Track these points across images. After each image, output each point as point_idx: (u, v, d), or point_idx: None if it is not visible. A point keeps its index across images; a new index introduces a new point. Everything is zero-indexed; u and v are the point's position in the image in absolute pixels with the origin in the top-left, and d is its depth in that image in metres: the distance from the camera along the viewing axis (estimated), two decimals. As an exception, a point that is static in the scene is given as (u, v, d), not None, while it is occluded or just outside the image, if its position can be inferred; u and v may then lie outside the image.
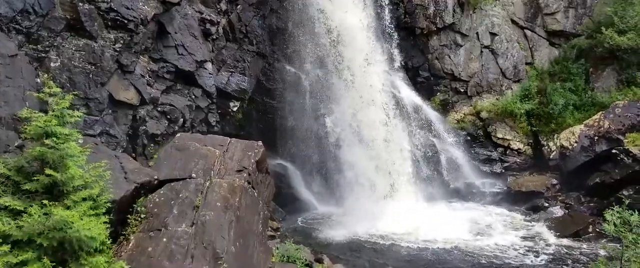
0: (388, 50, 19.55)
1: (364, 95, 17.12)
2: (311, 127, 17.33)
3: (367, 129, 17.01)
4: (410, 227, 14.89)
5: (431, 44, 20.53)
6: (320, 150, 17.42)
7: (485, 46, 20.63)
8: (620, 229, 6.49)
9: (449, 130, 19.46)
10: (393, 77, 19.36)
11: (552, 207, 16.02)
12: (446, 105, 20.62)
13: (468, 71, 20.55)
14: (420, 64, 20.83)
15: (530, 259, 12.87)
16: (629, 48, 18.46)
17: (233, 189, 7.12)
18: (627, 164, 15.27)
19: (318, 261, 10.95)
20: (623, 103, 17.07)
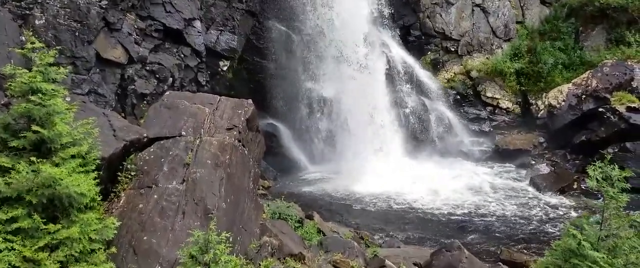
0: (379, 9, 19.28)
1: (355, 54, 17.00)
2: (302, 86, 17.29)
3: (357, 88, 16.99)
4: (399, 184, 15.17)
5: (423, 2, 20.27)
6: (310, 109, 17.46)
7: (476, 4, 20.42)
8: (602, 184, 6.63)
9: (438, 89, 19.50)
10: (384, 35, 19.20)
11: (538, 165, 16.36)
12: (437, 65, 20.59)
13: (459, 30, 20.40)
14: (412, 23, 20.64)
15: (516, 215, 13.23)
16: (619, 6, 18.38)
17: (223, 147, 7.16)
18: (613, 122, 15.53)
19: (309, 218, 11.16)
20: (611, 62, 17.16)
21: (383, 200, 14.37)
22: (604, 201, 6.58)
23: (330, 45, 17.00)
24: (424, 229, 12.56)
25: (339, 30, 17.00)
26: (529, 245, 11.28)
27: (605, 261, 6.04)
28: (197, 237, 4.68)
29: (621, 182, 6.51)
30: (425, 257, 9.50)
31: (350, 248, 8.12)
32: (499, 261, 10.14)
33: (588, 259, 6.07)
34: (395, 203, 14.17)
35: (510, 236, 11.87)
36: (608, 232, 6.51)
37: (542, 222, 12.52)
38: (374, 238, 11.39)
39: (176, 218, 6.08)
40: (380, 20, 19.19)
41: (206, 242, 4.83)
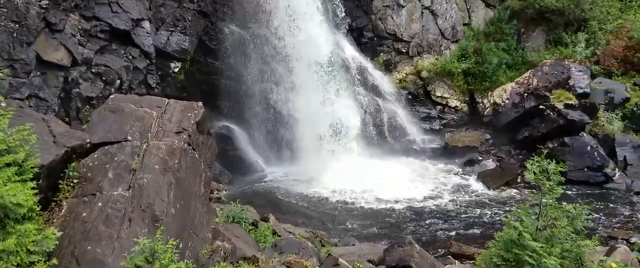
0: (333, 11, 19.50)
1: (309, 55, 17.10)
2: (257, 87, 17.21)
3: (313, 89, 17.10)
4: (354, 184, 15.36)
5: (374, 5, 20.67)
6: (266, 111, 17.41)
7: (425, 7, 21.00)
8: (539, 177, 6.97)
9: (391, 89, 19.92)
10: (338, 37, 19.41)
11: (485, 160, 17.02)
12: (389, 65, 21.02)
13: (409, 32, 20.92)
14: (365, 25, 20.99)
15: (465, 209, 13.72)
16: (557, 9, 19.43)
17: (172, 151, 7.01)
18: (552, 119, 16.39)
19: (264, 220, 11.14)
20: (550, 62, 18.10)
21: (339, 199, 14.53)
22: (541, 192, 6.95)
23: (285, 46, 17.02)
24: (378, 226, 12.80)
25: (292, 31, 17.05)
26: (477, 238, 11.72)
27: (544, 250, 6.37)
28: (143, 245, 4.58)
29: (556, 175, 6.90)
30: (379, 253, 9.68)
31: (304, 249, 8.15)
32: (449, 254, 10.49)
33: (528, 249, 6.38)
34: (351, 202, 14.35)
35: (460, 230, 12.30)
36: (545, 222, 6.87)
37: (489, 215, 13.05)
38: (330, 238, 11.49)
39: (122, 226, 5.90)
40: (333, 21, 19.41)
41: (152, 250, 4.74)
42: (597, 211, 13.30)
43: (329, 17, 18.87)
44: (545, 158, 7.32)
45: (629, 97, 17.64)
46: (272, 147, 17.38)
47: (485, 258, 7.07)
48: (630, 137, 16.36)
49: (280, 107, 16.92)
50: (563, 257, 6.62)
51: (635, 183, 15.09)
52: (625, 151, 15.94)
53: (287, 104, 16.84)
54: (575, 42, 19.67)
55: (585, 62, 18.81)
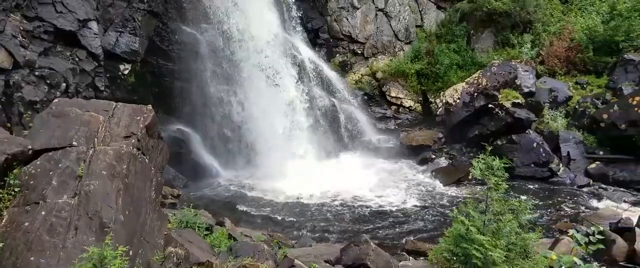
0: (288, 12, 19.52)
1: (264, 56, 17.03)
2: (211, 90, 16.96)
3: (268, 90, 17.03)
4: (312, 185, 15.40)
5: (330, 7, 20.87)
6: (221, 113, 17.18)
7: (379, 9, 21.38)
8: (485, 173, 7.25)
9: (347, 90, 20.14)
10: (293, 38, 19.45)
11: (438, 159, 17.49)
12: (345, 66, 21.26)
13: (364, 33, 21.24)
14: (320, 26, 21.15)
15: (419, 207, 14.04)
16: (504, 12, 20.26)
17: (120, 156, 6.80)
18: (501, 117, 17.05)
19: (219, 224, 10.99)
20: (498, 62, 18.82)
21: (296, 201, 14.54)
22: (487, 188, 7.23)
23: (240, 48, 16.87)
24: (335, 226, 12.88)
25: (248, 32, 16.92)
26: (431, 234, 12.00)
27: (490, 243, 6.63)
28: (92, 253, 4.44)
29: (500, 171, 7.20)
30: (335, 253, 9.76)
31: (260, 252, 8.11)
32: (404, 251, 10.72)
33: (475, 242, 6.62)
34: (308, 203, 14.38)
35: (414, 227, 12.58)
36: (491, 216, 7.17)
37: (442, 212, 13.41)
38: (288, 240, 11.48)
39: (68, 235, 5.68)
40: (289, 23, 19.43)
41: (101, 257, 4.61)
42: (544, 205, 13.94)
43: (284, 18, 18.88)
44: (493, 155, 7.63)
45: (571, 96, 18.58)
46: (228, 150, 17.17)
47: (436, 253, 7.30)
48: (573, 133, 17.21)
49: (235, 109, 16.73)
50: (509, 249, 6.92)
51: (578, 178, 15.92)
52: (568, 147, 16.77)
53: (242, 106, 16.68)
54: (522, 43, 20.56)
55: (530, 62, 19.68)
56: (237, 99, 16.68)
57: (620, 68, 18.83)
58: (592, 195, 14.89)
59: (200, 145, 16.67)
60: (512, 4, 20.26)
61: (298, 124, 17.23)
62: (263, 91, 16.60)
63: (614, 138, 16.32)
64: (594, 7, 22.11)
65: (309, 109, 18.04)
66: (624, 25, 19.50)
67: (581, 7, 22.50)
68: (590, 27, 20.29)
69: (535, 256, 7.05)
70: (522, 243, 6.93)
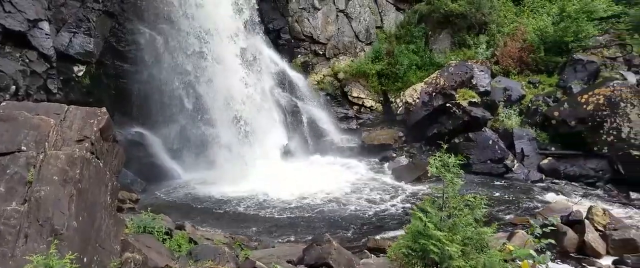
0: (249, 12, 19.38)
1: (225, 57, 16.86)
2: (171, 91, 16.65)
3: (230, 91, 16.87)
4: (275, 185, 15.34)
5: (291, 7, 20.88)
6: (182, 115, 16.90)
7: (340, 10, 21.57)
8: (441, 171, 7.44)
9: (309, 90, 20.21)
10: (255, 39, 19.34)
11: (399, 157, 17.81)
12: (307, 67, 21.33)
13: (326, 34, 21.37)
14: (281, 27, 21.13)
15: (381, 205, 14.24)
16: (460, 13, 20.85)
17: (72, 161, 6.60)
18: (458, 116, 17.55)
19: (179, 228, 10.81)
20: (455, 62, 19.35)
21: (260, 202, 14.46)
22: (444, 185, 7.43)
23: (200, 48, 16.63)
24: (298, 226, 12.91)
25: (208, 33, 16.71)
26: (392, 231, 12.21)
27: (447, 238, 6.81)
28: (36, 262, 4.29)
29: (456, 168, 7.42)
30: (298, 253, 9.77)
31: (220, 254, 8.04)
32: (366, 249, 10.86)
33: (433, 238, 6.78)
34: (272, 205, 14.34)
35: (377, 224, 12.76)
36: (448, 212, 7.36)
37: (403, 209, 13.68)
38: (250, 241, 11.41)
39: (17, 243, 5.47)
40: (250, 23, 19.30)
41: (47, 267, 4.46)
42: (499, 200, 14.43)
43: (246, 18, 18.74)
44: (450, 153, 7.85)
45: (524, 94, 19.31)
46: (189, 152, 16.91)
47: (395, 250, 7.43)
48: (526, 130, 17.88)
49: (197, 110, 16.50)
50: (465, 244, 7.12)
51: (532, 173, 16.56)
52: (522, 144, 17.42)
53: (204, 107, 16.45)
54: (477, 44, 21.21)
55: (486, 62, 20.33)
56: (198, 100, 16.43)
57: (569, 67, 19.74)
58: (544, 189, 15.53)
59: (160, 148, 16.34)
60: (468, 6, 20.89)
61: (261, 124, 17.13)
62: (225, 92, 16.42)
63: (564, 134, 17.08)
64: (545, 9, 23.08)
65: (271, 110, 17.98)
66: (572, 27, 20.44)
67: (533, 8, 23.42)
68: (542, 29, 21.16)
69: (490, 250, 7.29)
70: (478, 237, 7.14)
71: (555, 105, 17.95)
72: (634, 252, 10.35)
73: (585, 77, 19.39)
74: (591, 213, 11.79)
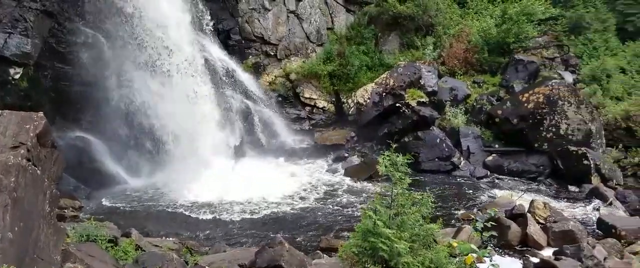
0: (196, 12, 19.01)
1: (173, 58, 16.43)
2: (116, 94, 16.03)
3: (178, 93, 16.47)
4: (226, 189, 15.13)
5: (240, 7, 20.67)
6: (128, 119, 16.31)
7: (291, 11, 21.56)
8: (389, 169, 7.60)
9: (261, 92, 20.07)
10: (203, 39, 18.98)
11: (351, 157, 18.00)
12: (258, 68, 21.17)
13: (277, 35, 21.29)
14: (231, 27, 20.87)
15: (334, 204, 14.36)
16: (408, 15, 21.37)
17: (7, 168, 6.23)
18: (407, 115, 17.97)
19: (126, 236, 10.46)
20: (404, 63, 19.80)
21: (211, 206, 14.20)
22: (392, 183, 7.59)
23: (145, 49, 16.13)
24: (252, 229, 12.79)
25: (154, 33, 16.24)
26: (345, 231, 12.33)
27: (396, 236, 6.96)
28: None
29: (404, 166, 7.60)
30: (250, 256, 9.67)
31: (168, 261, 7.84)
32: (319, 249, 10.92)
33: (382, 236, 6.92)
34: (223, 208, 14.12)
35: (329, 224, 12.86)
36: (397, 210, 7.54)
37: (356, 208, 13.84)
38: (201, 247, 11.19)
39: (-56, 258, 5.12)
40: (199, 23, 18.94)
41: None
42: (447, 196, 14.90)
43: (194, 18, 18.37)
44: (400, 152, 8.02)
45: (469, 94, 20.03)
46: (136, 156, 16.35)
47: (346, 249, 7.52)
48: (472, 129, 18.56)
49: (143, 113, 15.97)
50: (413, 240, 7.31)
51: (477, 170, 17.19)
52: (468, 141, 18.07)
53: (150, 109, 15.95)
54: (425, 45, 21.81)
55: (433, 63, 20.92)
56: (143, 102, 15.91)
57: (511, 67, 20.69)
58: (490, 185, 16.18)
59: (105, 153, 15.70)
60: (415, 8, 21.44)
61: (211, 126, 16.82)
62: (172, 93, 15.99)
63: (507, 132, 17.86)
64: (488, 11, 24.07)
65: (222, 111, 17.71)
66: (513, 28, 21.44)
67: (477, 11, 24.36)
68: (485, 30, 22.06)
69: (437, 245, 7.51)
70: (425, 234, 7.36)
71: (498, 104, 18.74)
72: (572, 242, 10.94)
73: (526, 76, 20.38)
74: (533, 206, 12.38)
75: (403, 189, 7.60)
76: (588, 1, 23.97)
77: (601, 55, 21.37)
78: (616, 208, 13.70)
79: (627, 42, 22.04)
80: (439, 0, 22.60)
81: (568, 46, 22.51)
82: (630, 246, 10.96)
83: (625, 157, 16.86)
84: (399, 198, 7.63)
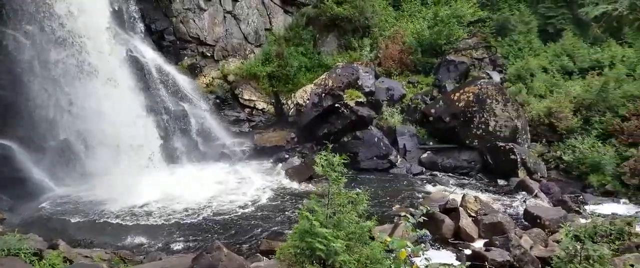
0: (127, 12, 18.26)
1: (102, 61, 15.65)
2: (37, 98, 15.06)
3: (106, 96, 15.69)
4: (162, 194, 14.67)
5: (174, 7, 20.08)
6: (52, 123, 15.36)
7: (227, 11, 21.22)
8: (326, 170, 7.66)
9: (198, 94, 19.57)
10: (135, 40, 18.25)
11: (291, 158, 18.00)
12: (195, 70, 20.66)
13: (213, 35, 20.88)
14: (165, 28, 20.21)
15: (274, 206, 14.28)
16: (345, 17, 21.70)
17: None
18: (346, 115, 18.24)
19: (52, 247, 9.88)
20: (342, 64, 20.09)
21: (145, 213, 13.66)
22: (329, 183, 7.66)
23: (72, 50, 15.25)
24: (189, 236, 12.43)
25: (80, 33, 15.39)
26: (286, 232, 12.28)
27: (332, 235, 7.01)
28: None
29: (340, 166, 7.69)
30: (187, 263, 9.41)
31: (98, 272, 7.48)
32: (258, 252, 10.81)
33: (319, 236, 6.95)
34: (159, 215, 13.62)
35: (270, 227, 12.75)
36: (334, 209, 7.61)
37: (296, 209, 13.83)
38: (134, 256, 10.75)
39: None
40: (129, 24, 18.19)
41: None
42: (385, 193, 15.24)
43: (124, 19, 17.61)
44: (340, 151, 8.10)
45: (405, 94, 20.65)
46: (62, 163, 15.40)
47: (284, 250, 7.49)
48: (408, 127, 19.13)
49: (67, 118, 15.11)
50: (349, 238, 7.41)
51: (413, 167, 17.74)
52: (404, 140, 18.61)
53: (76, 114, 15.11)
54: (362, 47, 22.23)
55: (370, 64, 21.40)
56: (69, 107, 15.04)
57: (443, 68, 21.55)
58: (425, 181, 16.74)
59: (28, 161, 14.67)
60: (352, 10, 21.79)
61: (143, 130, 16.16)
62: (100, 97, 15.20)
63: (440, 130, 18.57)
64: (421, 13, 24.93)
65: (155, 114, 17.10)
66: (445, 30, 22.34)
67: (411, 13, 25.15)
68: (419, 32, 22.83)
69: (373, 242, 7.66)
70: (361, 232, 7.48)
71: (431, 103, 19.45)
72: (501, 233, 11.54)
73: (457, 76, 21.31)
74: (465, 201, 12.94)
75: (339, 189, 7.70)
76: (513, 4, 25.39)
77: (525, 55, 22.66)
78: (541, 200, 14.60)
79: (548, 43, 23.53)
80: (374, 3, 23.12)
81: (495, 47, 23.74)
82: (553, 234, 11.71)
83: (548, 151, 18.01)
84: (335, 198, 7.71)
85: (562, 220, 12.06)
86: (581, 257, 7.36)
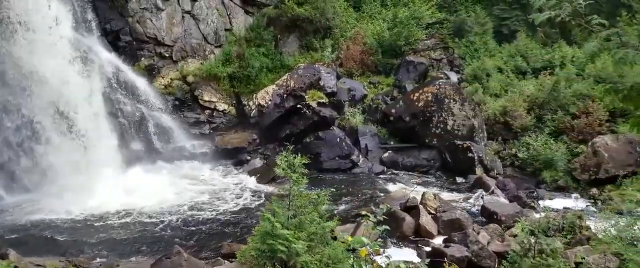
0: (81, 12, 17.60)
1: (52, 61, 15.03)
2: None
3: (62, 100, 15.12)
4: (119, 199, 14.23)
5: (131, 7, 19.50)
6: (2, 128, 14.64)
7: (186, 11, 20.78)
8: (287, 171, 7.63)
9: (156, 95, 19.08)
10: (88, 40, 17.61)
11: (253, 159, 17.85)
12: (152, 70, 20.12)
13: (171, 36, 20.40)
14: (121, 28, 19.60)
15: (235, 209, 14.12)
16: (306, 18, 21.66)
17: None
18: (308, 116, 18.26)
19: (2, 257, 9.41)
20: (304, 65, 20.09)
21: (101, 219, 13.22)
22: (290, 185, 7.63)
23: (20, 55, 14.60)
24: (148, 240, 12.14)
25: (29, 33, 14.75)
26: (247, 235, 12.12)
27: (293, 236, 7.00)
28: None
29: (301, 167, 7.67)
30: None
31: (50, 282, 7.16)
32: (220, 256, 10.65)
33: (280, 237, 6.92)
34: (117, 219, 13.25)
35: (231, 229, 12.62)
36: (295, 211, 7.59)
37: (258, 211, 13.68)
38: (90, 263, 10.39)
39: None
40: (82, 24, 17.54)
41: None
42: (348, 193, 15.35)
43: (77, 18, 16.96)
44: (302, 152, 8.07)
45: (366, 94, 20.84)
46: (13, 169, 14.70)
47: (245, 253, 7.42)
48: (369, 127, 19.33)
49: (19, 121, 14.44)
50: (311, 239, 7.40)
51: (375, 166, 17.95)
52: (366, 139, 18.79)
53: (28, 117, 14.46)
54: (323, 47, 22.28)
55: (332, 64, 21.48)
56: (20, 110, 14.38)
57: (403, 68, 21.90)
58: (387, 180, 16.97)
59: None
60: (313, 11, 21.78)
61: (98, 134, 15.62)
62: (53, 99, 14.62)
63: (401, 129, 18.87)
64: (381, 15, 25.21)
65: (111, 116, 16.55)
66: (404, 31, 22.68)
67: (371, 15, 25.41)
68: (379, 33, 23.09)
69: (335, 242, 7.69)
70: (322, 232, 7.49)
71: (392, 103, 19.73)
72: (459, 230, 11.85)
73: (416, 76, 21.70)
74: (424, 198, 13.20)
75: (300, 190, 7.68)
76: (469, 6, 26.06)
77: (481, 56, 23.28)
78: (497, 196, 15.07)
79: (503, 44, 24.29)
80: (335, 4, 23.21)
81: (453, 48, 24.32)
82: (509, 230, 12.10)
83: (504, 149, 18.62)
84: (296, 199, 7.70)
85: (517, 215, 12.48)
86: (535, 251, 7.63)
